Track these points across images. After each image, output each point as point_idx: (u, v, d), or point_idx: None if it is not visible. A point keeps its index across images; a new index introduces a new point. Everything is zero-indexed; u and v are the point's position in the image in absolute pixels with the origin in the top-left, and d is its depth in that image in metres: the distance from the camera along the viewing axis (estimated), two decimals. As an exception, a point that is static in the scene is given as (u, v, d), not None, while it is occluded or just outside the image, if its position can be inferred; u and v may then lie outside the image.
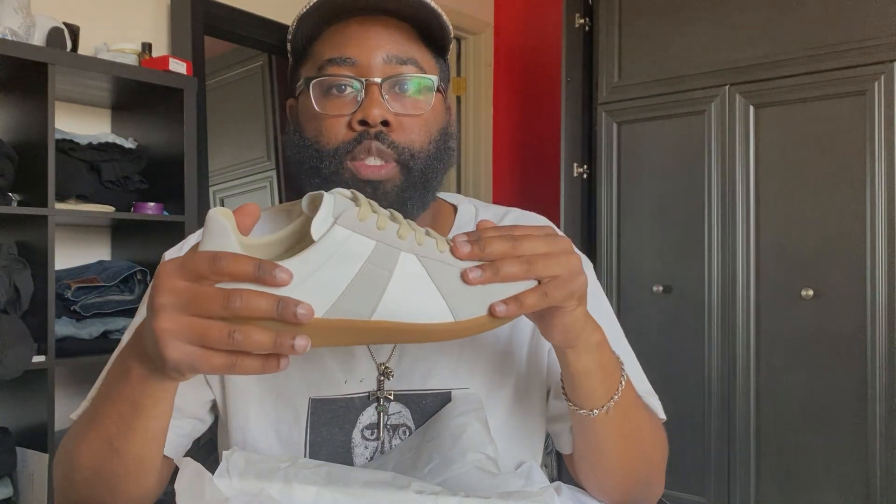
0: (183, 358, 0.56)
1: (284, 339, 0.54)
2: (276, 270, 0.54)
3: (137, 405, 0.65)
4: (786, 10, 2.37)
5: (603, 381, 0.71)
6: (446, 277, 0.60)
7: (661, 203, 2.63)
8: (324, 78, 0.79)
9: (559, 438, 0.88)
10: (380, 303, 0.58)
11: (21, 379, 1.84)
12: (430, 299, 0.60)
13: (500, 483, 0.72)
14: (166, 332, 0.55)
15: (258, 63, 3.56)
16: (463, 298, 0.60)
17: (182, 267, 0.56)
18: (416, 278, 0.59)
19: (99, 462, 0.70)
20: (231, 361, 0.55)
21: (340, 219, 0.57)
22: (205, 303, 0.54)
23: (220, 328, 0.54)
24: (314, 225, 0.57)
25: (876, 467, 2.19)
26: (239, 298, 0.54)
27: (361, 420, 0.81)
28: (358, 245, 0.58)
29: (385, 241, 0.59)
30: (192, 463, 0.65)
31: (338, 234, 0.57)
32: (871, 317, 2.20)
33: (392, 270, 0.59)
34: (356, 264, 0.58)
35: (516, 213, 0.94)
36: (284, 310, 0.54)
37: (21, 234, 1.97)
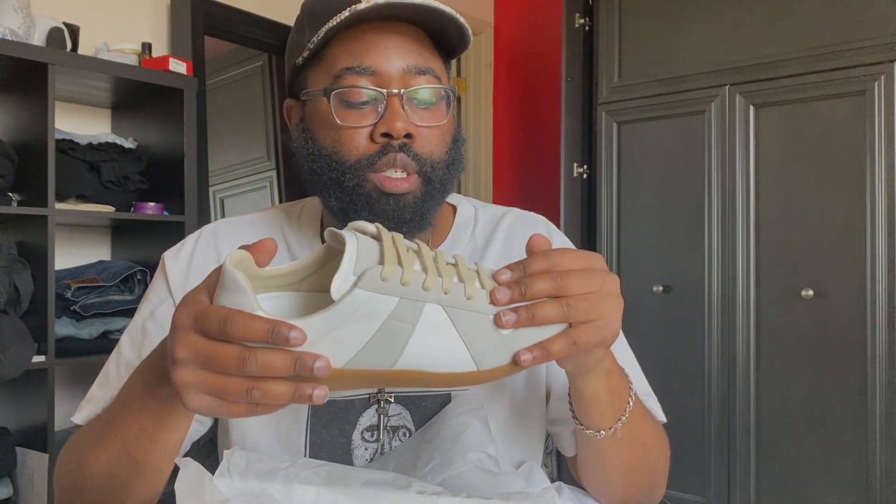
0: (203, 406, 0.56)
1: (303, 390, 0.54)
2: (290, 333, 0.52)
3: (161, 420, 0.65)
4: (786, 10, 2.37)
5: (611, 404, 0.71)
6: (472, 326, 0.59)
7: (661, 203, 2.63)
8: (344, 89, 0.77)
9: (561, 440, 0.88)
10: (402, 355, 0.57)
11: (21, 379, 1.84)
12: (453, 349, 0.58)
13: (501, 483, 0.72)
14: (186, 383, 0.55)
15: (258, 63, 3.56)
16: (487, 347, 0.59)
17: (197, 322, 0.55)
18: (440, 329, 0.58)
19: (113, 471, 0.70)
20: (251, 410, 0.56)
21: (362, 281, 0.55)
22: (221, 363, 0.54)
23: (238, 385, 0.54)
24: (334, 284, 0.55)
25: (876, 467, 2.19)
26: (255, 361, 0.53)
27: (361, 422, 0.81)
28: (380, 304, 0.56)
29: (409, 297, 0.57)
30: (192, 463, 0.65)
31: (358, 297, 0.55)
32: (871, 317, 2.20)
33: (415, 324, 0.57)
34: (377, 321, 0.56)
35: (515, 213, 0.94)
36: (302, 367, 0.53)
37: (21, 234, 1.97)
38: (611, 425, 0.72)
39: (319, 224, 0.89)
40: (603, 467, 0.79)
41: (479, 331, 0.58)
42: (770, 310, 2.40)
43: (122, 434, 0.67)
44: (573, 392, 0.72)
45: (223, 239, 0.89)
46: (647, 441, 0.79)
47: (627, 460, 0.77)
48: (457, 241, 0.89)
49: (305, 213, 0.91)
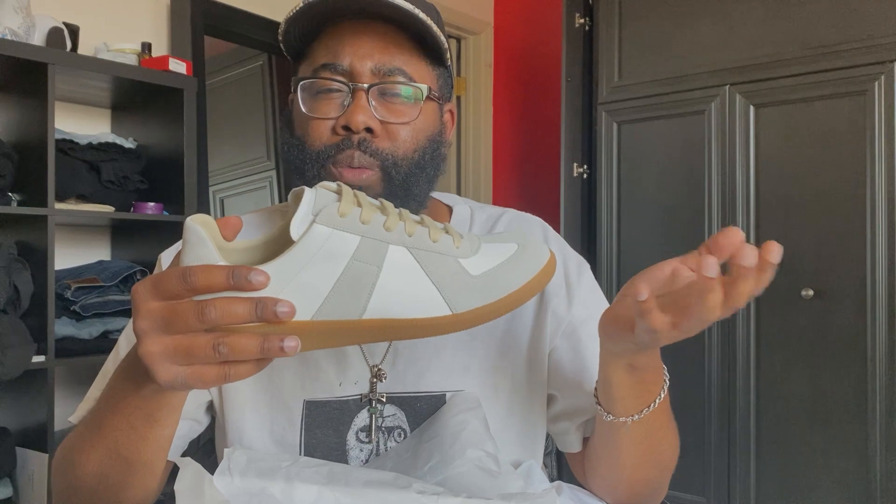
0: (175, 378, 0.54)
1: (272, 342, 0.52)
2: (251, 274, 0.52)
3: (151, 416, 0.64)
4: (786, 10, 2.37)
5: (627, 397, 0.71)
6: (441, 268, 0.57)
7: (661, 203, 2.63)
8: (312, 80, 0.80)
9: (564, 437, 0.88)
10: (370, 301, 0.55)
11: (21, 379, 1.84)
12: (424, 292, 0.56)
13: (501, 483, 0.71)
14: (152, 355, 0.54)
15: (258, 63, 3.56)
16: (460, 289, 0.57)
17: (155, 286, 0.54)
18: (407, 271, 0.56)
19: (105, 471, 0.70)
20: (223, 372, 0.54)
21: (320, 216, 0.54)
22: (182, 319, 0.52)
23: (204, 342, 0.53)
24: (293, 224, 0.54)
25: (876, 467, 2.19)
26: (213, 308, 0.52)
27: (356, 422, 0.81)
28: (341, 242, 0.55)
29: (370, 236, 0.55)
30: (192, 464, 0.65)
31: (318, 233, 0.54)
32: (871, 317, 2.20)
33: (381, 265, 0.55)
34: (340, 263, 0.54)
35: (511, 213, 0.94)
36: (264, 311, 0.52)
37: (21, 234, 1.97)
38: (624, 416, 0.72)
39: None
40: (612, 456, 0.78)
41: (449, 273, 0.57)
42: (770, 310, 2.39)
43: (112, 434, 0.67)
44: (602, 375, 0.71)
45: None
46: (662, 444, 0.79)
47: (637, 455, 0.77)
48: None
49: None
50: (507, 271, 0.60)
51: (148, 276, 0.56)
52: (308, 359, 0.82)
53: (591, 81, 2.81)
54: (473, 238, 0.62)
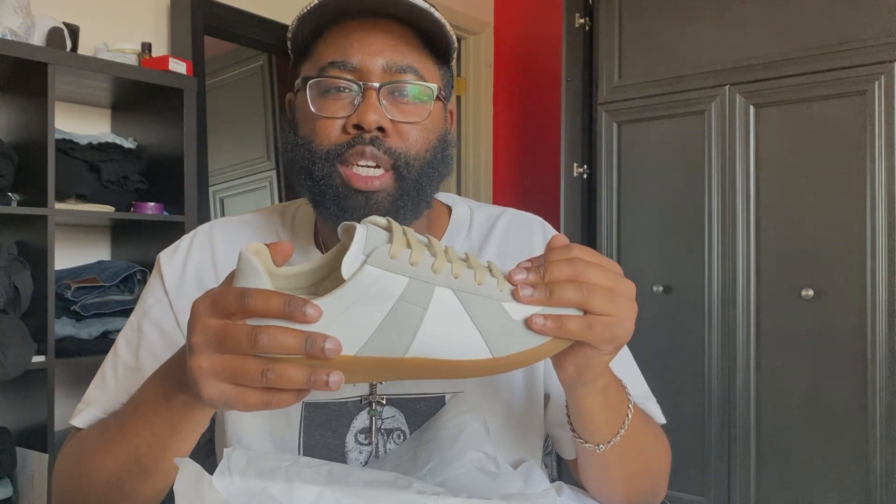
0: (219, 396, 0.55)
1: (319, 375, 0.53)
2: (305, 307, 0.53)
3: (175, 427, 0.65)
4: (786, 10, 2.37)
5: (608, 419, 0.71)
6: (484, 311, 0.58)
7: (661, 203, 2.63)
8: (322, 79, 0.78)
9: (561, 444, 0.88)
10: (414, 340, 0.56)
11: (21, 379, 1.84)
12: (466, 335, 0.57)
13: (500, 484, 0.71)
14: (201, 370, 0.55)
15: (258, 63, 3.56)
16: (501, 333, 0.58)
17: (213, 304, 0.55)
18: (452, 313, 0.57)
19: (121, 477, 0.70)
20: (267, 399, 0.55)
21: (371, 258, 0.55)
22: (235, 340, 0.54)
23: (253, 366, 0.54)
24: (344, 263, 0.55)
25: (876, 467, 2.19)
26: (266, 336, 0.53)
27: (355, 424, 0.81)
28: (390, 283, 0.56)
29: (418, 278, 0.57)
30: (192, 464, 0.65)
31: (368, 274, 0.55)
32: (871, 317, 2.20)
33: (426, 307, 0.57)
34: (388, 303, 0.56)
35: (511, 213, 0.93)
36: (312, 346, 0.53)
37: (21, 234, 1.97)
38: (609, 439, 0.72)
39: (314, 223, 0.89)
40: (604, 476, 0.79)
41: (491, 317, 0.58)
42: (770, 310, 2.39)
43: (133, 440, 0.67)
44: (570, 406, 0.71)
45: (218, 239, 0.89)
46: (648, 449, 0.79)
47: (628, 469, 0.77)
48: (452, 241, 0.88)
49: (300, 212, 0.91)
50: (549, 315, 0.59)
51: (208, 292, 0.57)
52: (308, 360, 0.82)
53: (591, 81, 2.81)
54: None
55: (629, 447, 0.74)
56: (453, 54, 0.84)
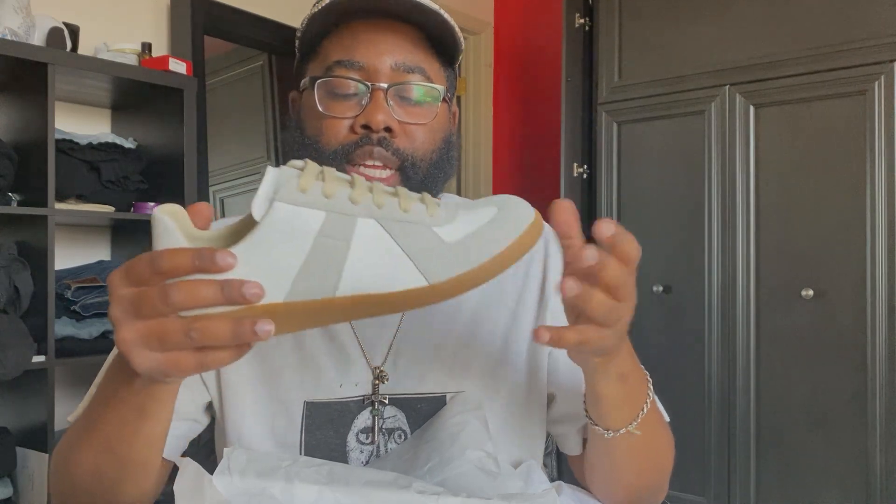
0: (151, 366, 0.53)
1: (245, 326, 0.51)
2: (217, 255, 0.50)
3: (142, 410, 0.64)
4: (786, 10, 2.37)
5: (623, 407, 0.71)
6: (414, 238, 0.55)
7: (660, 203, 2.63)
8: (329, 79, 0.78)
9: (564, 440, 0.88)
10: (341, 277, 0.53)
11: (21, 379, 1.84)
12: (397, 265, 0.54)
13: (501, 484, 0.71)
14: (126, 342, 0.53)
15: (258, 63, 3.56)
16: (435, 258, 0.55)
17: (126, 272, 0.54)
18: (378, 244, 0.54)
19: (100, 468, 0.69)
20: (199, 359, 0.53)
21: (279, 193, 0.52)
22: (149, 303, 0.52)
23: (175, 327, 0.51)
24: (254, 204, 0.53)
25: (876, 467, 2.19)
26: (178, 291, 0.51)
27: (357, 424, 0.81)
28: (304, 219, 0.53)
29: (335, 210, 0.53)
30: (192, 464, 0.65)
31: (280, 212, 0.52)
32: (871, 317, 2.20)
33: (349, 240, 0.53)
34: (307, 241, 0.53)
35: None
36: (230, 291, 0.50)
37: (21, 234, 1.97)
38: (622, 427, 0.71)
39: None
40: (611, 467, 0.78)
41: (422, 243, 0.55)
42: (770, 310, 2.39)
43: (104, 430, 0.66)
44: (588, 389, 0.71)
45: None
46: (658, 447, 0.79)
47: (635, 463, 0.77)
48: None
49: None
50: (486, 236, 0.57)
51: (122, 265, 0.55)
52: (308, 360, 0.82)
53: (591, 81, 2.81)
54: (451, 206, 0.59)
55: (641, 440, 0.74)
56: (459, 56, 0.84)
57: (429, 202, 0.58)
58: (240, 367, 0.82)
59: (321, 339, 0.82)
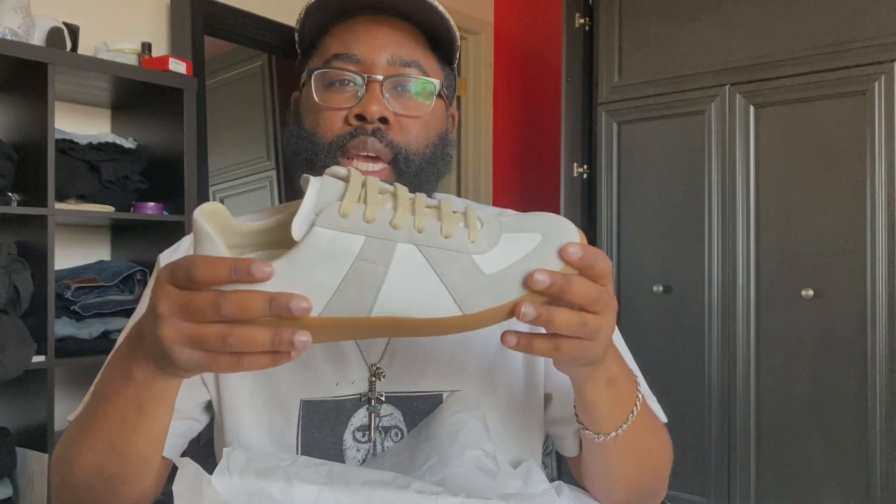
0: (189, 362, 0.55)
1: (283, 335, 0.52)
2: (253, 268, 0.51)
3: (142, 407, 0.64)
4: (786, 10, 2.37)
5: (612, 411, 0.71)
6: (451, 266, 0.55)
7: (661, 203, 2.63)
8: (326, 70, 0.79)
9: (562, 441, 0.88)
10: (377, 300, 0.54)
11: (21, 379, 1.84)
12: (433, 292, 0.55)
13: (500, 483, 0.71)
14: (169, 338, 0.55)
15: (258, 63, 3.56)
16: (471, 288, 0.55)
17: (171, 274, 0.55)
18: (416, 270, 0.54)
19: (100, 465, 0.70)
20: (236, 362, 0.54)
21: (320, 218, 0.53)
22: (199, 309, 0.53)
23: (215, 333, 0.53)
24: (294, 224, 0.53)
25: (876, 467, 2.19)
26: (229, 303, 0.52)
27: (353, 422, 0.81)
28: (344, 243, 0.53)
29: (376, 235, 0.54)
30: (191, 464, 0.65)
31: (319, 236, 0.53)
32: (871, 317, 2.20)
33: (388, 265, 0.54)
34: (345, 263, 0.53)
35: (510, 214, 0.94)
36: (277, 306, 0.52)
37: (21, 234, 1.97)
38: (612, 430, 0.72)
39: None
40: (605, 470, 0.79)
41: (460, 271, 0.55)
42: (770, 310, 2.39)
43: (105, 425, 0.67)
44: (576, 395, 0.72)
45: None
46: (652, 447, 0.79)
47: (630, 465, 0.77)
48: None
49: None
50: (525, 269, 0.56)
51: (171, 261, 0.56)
52: (306, 359, 0.82)
53: (591, 81, 2.81)
54: (494, 227, 0.58)
55: (633, 443, 0.74)
56: (456, 54, 0.85)
57: (471, 224, 0.57)
58: None
59: None
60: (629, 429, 0.72)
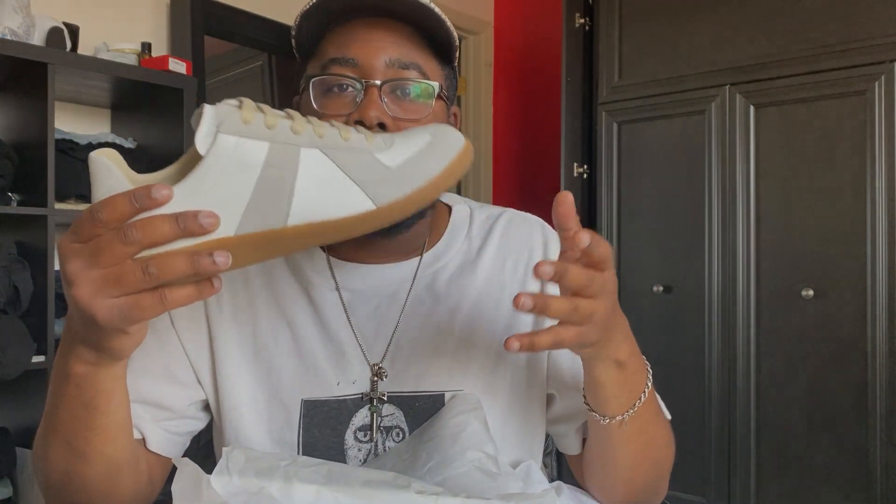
0: (113, 314, 0.53)
1: (202, 257, 0.51)
2: (151, 190, 0.50)
3: (89, 405, 0.63)
4: (786, 10, 2.37)
5: (620, 394, 0.71)
6: (357, 164, 0.57)
7: (661, 203, 2.63)
8: (324, 77, 0.78)
9: (564, 440, 0.88)
10: (291, 206, 0.54)
11: (21, 379, 1.84)
12: (344, 190, 0.56)
13: (500, 484, 0.71)
14: (85, 294, 0.53)
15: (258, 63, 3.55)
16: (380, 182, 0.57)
17: (74, 233, 0.54)
18: (324, 172, 0.56)
19: (65, 467, 0.69)
20: (160, 298, 0.52)
21: (223, 126, 0.54)
22: (108, 249, 0.52)
23: (132, 266, 0.52)
24: (197, 139, 0.53)
25: (876, 467, 2.19)
26: (135, 230, 0.51)
27: (354, 421, 0.81)
28: (249, 150, 0.54)
29: (279, 140, 0.55)
30: (190, 464, 0.65)
31: (224, 144, 0.53)
32: (871, 317, 2.20)
33: (295, 170, 0.55)
34: (254, 172, 0.53)
35: (511, 213, 0.93)
36: (186, 223, 0.51)
37: (21, 234, 1.97)
38: (619, 414, 0.72)
39: None
40: (608, 460, 0.78)
41: (366, 168, 0.57)
42: (770, 310, 2.39)
43: (62, 429, 0.66)
44: (586, 376, 0.72)
45: None
46: (656, 439, 0.79)
47: (633, 455, 0.77)
48: (452, 240, 0.88)
49: None
50: (424, 160, 0.59)
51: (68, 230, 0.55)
52: (306, 357, 0.82)
53: (591, 81, 2.81)
54: (387, 135, 0.62)
55: (637, 431, 0.74)
56: (455, 53, 0.84)
57: (365, 132, 0.60)
58: (237, 366, 0.82)
59: (319, 336, 0.82)
60: (635, 416, 0.72)
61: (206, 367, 0.83)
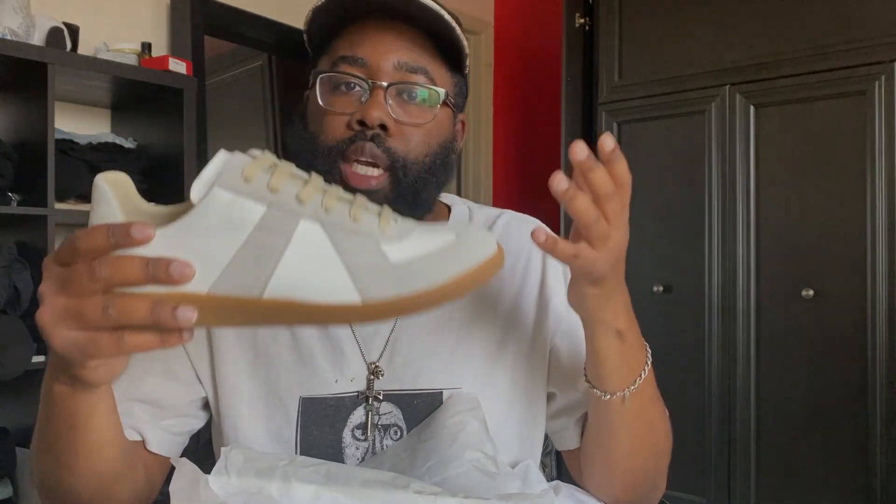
0: (69, 345, 0.52)
1: (164, 308, 0.48)
2: (132, 229, 0.48)
3: (70, 424, 0.63)
4: (786, 10, 2.37)
5: (620, 367, 0.71)
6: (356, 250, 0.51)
7: (661, 203, 2.63)
8: (332, 74, 0.79)
9: (563, 433, 0.88)
10: (272, 277, 0.50)
11: (21, 379, 1.84)
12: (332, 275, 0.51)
13: (499, 484, 0.71)
14: (47, 320, 0.52)
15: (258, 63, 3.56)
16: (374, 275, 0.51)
17: (57, 253, 0.53)
18: (317, 250, 0.51)
19: (56, 479, 0.69)
20: (117, 341, 0.50)
21: (221, 178, 0.50)
22: (74, 281, 0.50)
23: (93, 303, 0.50)
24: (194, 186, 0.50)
25: (876, 467, 2.19)
26: (104, 266, 0.49)
27: (352, 420, 0.81)
28: (244, 210, 0.50)
29: (278, 206, 0.50)
30: (188, 464, 0.65)
31: (218, 198, 0.50)
32: (871, 317, 2.20)
33: (287, 241, 0.50)
34: (242, 233, 0.50)
35: (510, 214, 0.94)
36: (155, 268, 0.48)
37: (21, 234, 1.97)
38: (619, 389, 0.72)
39: None
40: (608, 442, 0.77)
41: (364, 257, 0.51)
42: (770, 310, 2.39)
43: (48, 441, 0.66)
44: (588, 349, 0.72)
45: None
46: (656, 423, 0.79)
47: (633, 437, 0.76)
48: None
49: None
50: (437, 261, 0.53)
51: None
52: (304, 355, 0.82)
53: (591, 81, 2.81)
54: (409, 224, 0.56)
55: (637, 411, 0.74)
56: (465, 61, 0.84)
57: (384, 216, 0.54)
58: (236, 364, 0.82)
59: (317, 333, 0.83)
60: (636, 394, 0.72)
61: (206, 365, 0.83)
